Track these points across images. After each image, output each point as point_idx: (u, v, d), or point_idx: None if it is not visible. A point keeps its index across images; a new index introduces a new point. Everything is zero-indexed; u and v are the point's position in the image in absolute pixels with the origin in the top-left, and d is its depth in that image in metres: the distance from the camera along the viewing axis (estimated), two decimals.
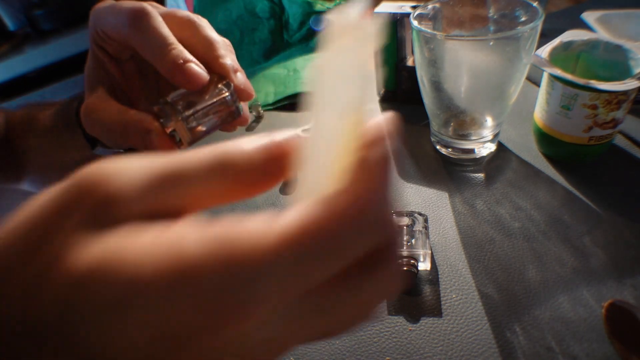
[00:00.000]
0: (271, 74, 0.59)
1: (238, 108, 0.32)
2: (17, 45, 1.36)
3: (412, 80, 0.42)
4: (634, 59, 0.33)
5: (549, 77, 0.34)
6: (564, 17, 0.59)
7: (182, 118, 0.30)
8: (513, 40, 0.30)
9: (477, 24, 0.36)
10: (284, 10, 0.63)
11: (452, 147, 0.38)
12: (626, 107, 0.32)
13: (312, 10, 0.62)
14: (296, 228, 0.11)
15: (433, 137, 0.40)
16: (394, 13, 0.42)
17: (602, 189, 0.34)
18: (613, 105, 0.31)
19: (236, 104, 0.31)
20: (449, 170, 0.38)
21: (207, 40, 0.32)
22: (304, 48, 0.63)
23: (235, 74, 0.31)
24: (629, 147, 0.37)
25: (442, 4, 0.36)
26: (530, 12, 0.32)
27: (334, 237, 0.12)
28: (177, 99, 0.30)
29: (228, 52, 0.32)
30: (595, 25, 0.50)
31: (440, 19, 0.36)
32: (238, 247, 0.11)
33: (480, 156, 0.38)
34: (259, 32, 0.64)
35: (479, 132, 0.37)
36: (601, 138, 0.34)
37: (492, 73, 0.33)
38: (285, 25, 0.64)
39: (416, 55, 0.35)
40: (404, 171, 0.39)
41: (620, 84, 0.30)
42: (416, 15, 0.34)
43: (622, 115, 0.33)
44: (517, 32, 0.29)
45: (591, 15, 0.51)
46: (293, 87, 0.53)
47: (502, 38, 0.30)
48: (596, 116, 0.32)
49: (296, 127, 0.52)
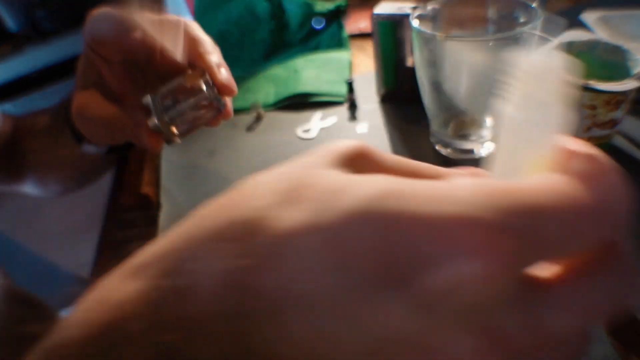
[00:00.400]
0: (271, 75, 0.59)
1: (220, 103, 0.33)
2: (17, 46, 1.36)
3: (412, 80, 0.42)
4: (633, 59, 0.33)
5: None
6: (563, 17, 0.59)
7: (167, 114, 0.32)
8: (512, 41, 0.30)
9: (477, 25, 0.36)
10: (284, 11, 0.63)
11: (452, 147, 0.39)
12: (625, 107, 0.32)
13: (312, 11, 0.62)
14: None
15: (433, 137, 0.41)
16: (393, 14, 0.43)
17: None
18: (612, 106, 0.32)
19: (218, 100, 0.32)
20: None
21: (193, 38, 0.34)
22: (304, 49, 0.63)
23: (219, 69, 0.33)
24: (627, 147, 0.37)
25: (442, 5, 0.36)
26: (530, 13, 0.32)
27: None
28: (163, 96, 0.32)
29: (213, 50, 0.35)
30: (594, 26, 0.50)
31: (440, 20, 0.36)
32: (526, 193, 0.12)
33: (480, 156, 0.38)
34: (259, 33, 0.64)
35: (478, 132, 0.37)
36: (600, 138, 0.34)
37: (492, 74, 0.33)
38: (286, 25, 0.64)
39: (416, 56, 0.35)
40: None
41: (619, 85, 0.31)
42: (416, 16, 0.34)
43: (621, 115, 0.33)
44: (516, 33, 0.29)
45: (590, 16, 0.51)
46: (293, 87, 0.53)
47: (502, 39, 0.30)
48: (595, 116, 0.32)
49: (296, 127, 0.52)
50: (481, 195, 0.11)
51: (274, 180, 0.14)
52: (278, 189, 0.13)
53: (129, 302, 0.13)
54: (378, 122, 0.46)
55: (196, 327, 0.12)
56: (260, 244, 0.12)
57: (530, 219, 0.11)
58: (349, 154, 0.15)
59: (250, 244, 0.12)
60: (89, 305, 0.14)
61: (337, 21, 0.63)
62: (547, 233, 0.11)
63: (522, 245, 0.11)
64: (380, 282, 0.11)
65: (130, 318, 0.12)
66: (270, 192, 0.13)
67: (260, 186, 0.14)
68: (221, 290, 0.12)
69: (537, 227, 0.11)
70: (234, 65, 0.65)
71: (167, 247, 0.14)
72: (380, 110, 0.48)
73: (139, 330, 0.12)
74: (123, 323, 0.12)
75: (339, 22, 0.64)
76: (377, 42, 0.45)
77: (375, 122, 0.46)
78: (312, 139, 0.46)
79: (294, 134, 0.47)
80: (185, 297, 0.12)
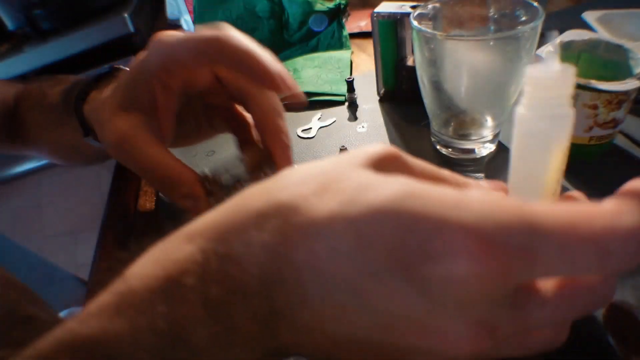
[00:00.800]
0: None
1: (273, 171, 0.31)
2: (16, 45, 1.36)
3: (412, 80, 0.42)
4: (635, 58, 0.33)
5: None
6: (564, 16, 0.59)
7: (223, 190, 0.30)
8: (513, 40, 0.30)
9: (477, 24, 0.36)
10: (284, 10, 0.63)
11: (452, 147, 0.38)
12: (627, 107, 0.32)
13: (312, 10, 0.62)
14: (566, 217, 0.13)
15: (433, 137, 0.40)
16: (394, 13, 0.42)
17: (603, 189, 0.34)
18: (614, 105, 0.31)
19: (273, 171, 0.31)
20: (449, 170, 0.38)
21: (270, 111, 0.32)
22: (303, 48, 0.63)
23: (286, 150, 0.31)
24: (629, 147, 0.37)
25: (442, 4, 0.35)
26: (531, 11, 0.32)
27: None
28: (220, 173, 0.30)
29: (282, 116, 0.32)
30: (596, 25, 0.50)
31: (440, 19, 0.36)
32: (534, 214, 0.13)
33: (480, 156, 0.38)
34: (259, 32, 0.64)
35: (479, 132, 0.37)
36: (602, 138, 0.34)
37: (493, 73, 0.33)
38: (285, 25, 0.64)
39: (416, 55, 0.35)
40: None
41: (620, 84, 0.30)
42: (416, 15, 0.34)
43: (622, 115, 0.33)
44: (517, 32, 0.29)
45: (591, 15, 0.51)
46: None
47: (503, 38, 0.30)
48: (597, 116, 0.32)
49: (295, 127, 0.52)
50: (488, 208, 0.13)
51: (311, 173, 0.16)
52: (314, 180, 0.15)
53: (184, 261, 0.15)
54: (378, 121, 0.46)
55: (236, 284, 0.15)
56: (296, 224, 0.14)
57: (528, 239, 0.13)
58: (380, 156, 0.17)
59: (288, 224, 0.15)
60: (147, 262, 0.16)
61: (337, 20, 0.63)
62: (543, 255, 0.13)
63: (514, 260, 0.13)
64: (392, 268, 0.13)
65: (185, 273, 0.15)
66: (307, 182, 0.16)
67: (300, 176, 0.16)
68: (261, 257, 0.15)
69: (533, 247, 0.13)
70: None
71: (218, 219, 0.16)
72: (380, 110, 0.48)
73: (191, 284, 0.15)
74: (178, 277, 0.15)
75: (339, 21, 0.63)
76: (377, 42, 0.45)
77: (375, 121, 0.46)
78: (312, 138, 0.46)
79: (294, 134, 0.47)
80: (229, 259, 0.15)
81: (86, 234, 1.61)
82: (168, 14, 0.86)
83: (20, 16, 1.34)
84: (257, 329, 0.15)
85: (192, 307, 0.15)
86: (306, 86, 0.53)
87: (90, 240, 0.44)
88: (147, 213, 0.40)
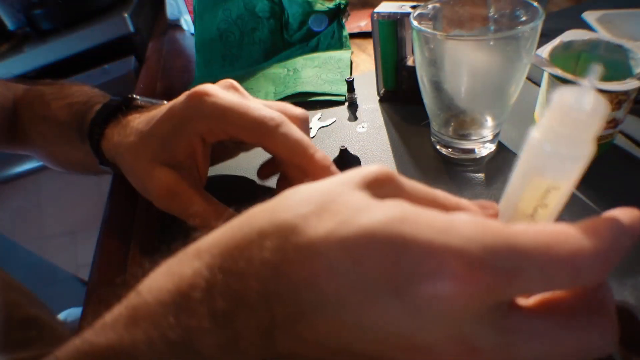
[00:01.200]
0: (271, 74, 0.58)
1: None
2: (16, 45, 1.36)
3: (412, 80, 0.41)
4: (635, 58, 0.33)
5: (550, 77, 0.34)
6: (564, 16, 0.59)
7: None
8: (513, 40, 0.30)
9: (478, 24, 0.36)
10: (284, 10, 0.63)
11: (452, 147, 0.38)
12: (627, 107, 0.32)
13: (312, 9, 0.62)
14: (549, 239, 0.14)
15: (433, 137, 0.40)
16: (394, 13, 0.42)
17: (603, 189, 0.34)
18: (614, 105, 0.31)
19: None
20: (449, 170, 0.38)
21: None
22: (304, 48, 0.63)
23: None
24: (629, 147, 0.37)
25: (442, 4, 0.35)
26: (531, 11, 0.32)
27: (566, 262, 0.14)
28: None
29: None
30: (596, 25, 0.50)
31: (440, 19, 0.36)
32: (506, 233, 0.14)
33: (480, 156, 0.38)
34: (259, 32, 0.64)
35: (479, 132, 0.37)
36: (602, 138, 0.34)
37: (493, 73, 0.33)
38: (286, 25, 0.64)
39: (416, 55, 0.35)
40: (404, 171, 0.39)
41: (620, 84, 0.30)
42: (416, 15, 0.34)
43: (622, 115, 0.33)
44: (517, 32, 0.29)
45: (592, 15, 0.51)
46: (293, 87, 0.53)
47: (503, 38, 0.30)
48: None
49: None
50: (474, 232, 0.14)
51: (310, 194, 0.17)
52: (312, 201, 0.16)
53: (192, 276, 0.17)
54: (378, 121, 0.46)
55: (240, 298, 0.16)
56: (294, 243, 0.15)
57: (511, 262, 0.13)
58: (375, 178, 0.18)
59: (288, 242, 0.16)
60: (159, 276, 0.18)
61: (337, 20, 0.63)
62: (525, 276, 0.13)
63: (498, 282, 0.13)
64: (383, 287, 0.14)
65: (193, 287, 0.16)
66: (305, 203, 0.17)
67: (301, 196, 0.17)
68: (262, 273, 0.16)
69: (516, 269, 0.13)
70: (234, 65, 0.65)
71: (224, 236, 0.18)
72: (380, 110, 0.48)
73: (199, 297, 0.16)
74: (188, 291, 0.16)
75: (339, 21, 0.63)
76: (377, 42, 0.45)
77: (375, 121, 0.46)
78: (312, 138, 0.46)
79: None
80: (233, 275, 0.16)
81: (86, 234, 1.61)
82: (168, 14, 0.87)
83: (20, 16, 1.34)
84: (259, 339, 0.16)
85: (200, 318, 0.16)
86: (306, 86, 0.53)
87: (90, 240, 0.44)
88: (147, 213, 0.40)
